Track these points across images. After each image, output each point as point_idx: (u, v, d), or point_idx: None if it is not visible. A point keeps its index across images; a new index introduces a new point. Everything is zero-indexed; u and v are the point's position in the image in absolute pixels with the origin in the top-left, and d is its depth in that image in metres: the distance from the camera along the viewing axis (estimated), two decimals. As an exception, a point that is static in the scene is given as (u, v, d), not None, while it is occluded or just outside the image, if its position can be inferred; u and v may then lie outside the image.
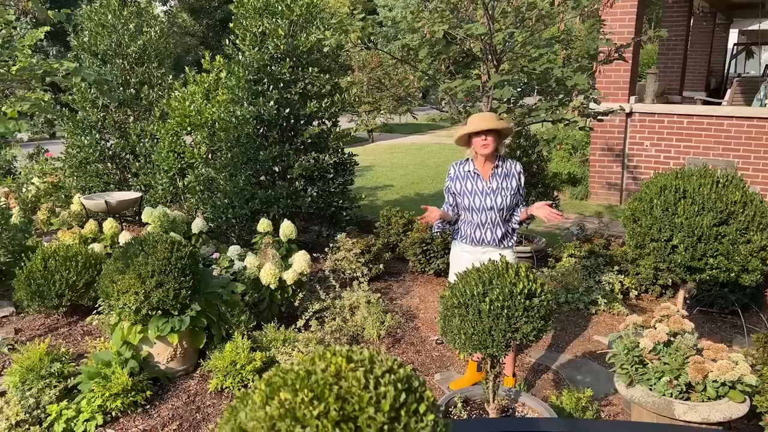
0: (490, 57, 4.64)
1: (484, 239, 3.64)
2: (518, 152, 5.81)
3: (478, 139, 3.49)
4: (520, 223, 3.68)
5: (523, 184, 3.65)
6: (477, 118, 3.54)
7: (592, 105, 5.05)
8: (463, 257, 3.75)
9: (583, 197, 9.26)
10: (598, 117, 4.96)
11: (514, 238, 3.73)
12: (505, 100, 4.56)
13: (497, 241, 3.64)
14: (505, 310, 2.69)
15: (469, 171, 3.63)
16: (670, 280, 5.31)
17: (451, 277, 3.78)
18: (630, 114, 8.52)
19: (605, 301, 5.17)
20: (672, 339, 2.98)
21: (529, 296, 2.73)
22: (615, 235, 6.55)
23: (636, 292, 5.39)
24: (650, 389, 2.88)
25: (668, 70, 11.52)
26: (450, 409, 3.22)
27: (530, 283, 2.75)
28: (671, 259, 3.57)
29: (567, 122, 4.72)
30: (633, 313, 5.16)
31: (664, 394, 2.82)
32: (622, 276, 5.38)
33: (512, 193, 3.58)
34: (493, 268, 2.83)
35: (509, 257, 3.61)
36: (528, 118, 4.74)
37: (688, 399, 2.85)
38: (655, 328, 2.96)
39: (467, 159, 3.67)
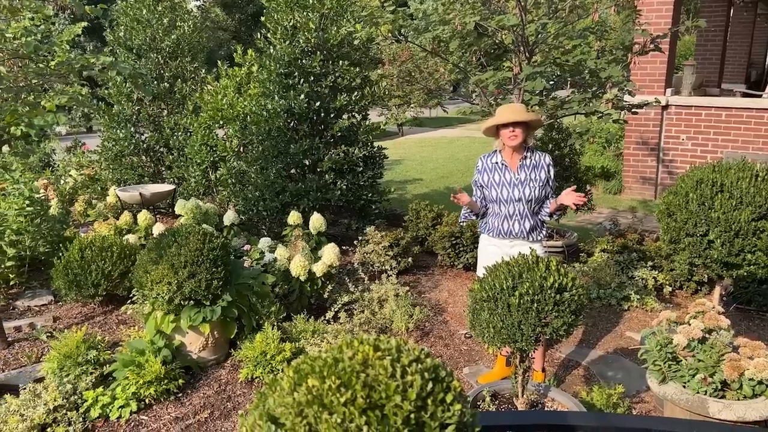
0: (522, 49, 4.58)
1: (512, 231, 3.60)
2: (550, 145, 5.74)
3: (506, 130, 3.47)
4: (551, 215, 3.63)
5: (552, 177, 3.60)
6: (505, 110, 3.51)
7: (626, 97, 4.95)
8: (490, 251, 3.72)
9: (616, 192, 9.10)
10: (633, 110, 4.86)
11: (544, 231, 3.68)
12: (537, 92, 4.50)
13: (525, 233, 3.60)
14: (535, 304, 2.66)
15: (497, 163, 3.61)
16: (706, 276, 5.19)
17: (480, 271, 3.76)
18: (666, 107, 8.33)
19: (638, 297, 5.08)
20: (707, 336, 2.91)
21: (559, 290, 2.70)
22: (649, 231, 6.42)
23: (670, 289, 5.28)
24: (684, 386, 2.83)
25: (706, 62, 11.22)
26: (478, 403, 3.20)
27: (561, 278, 2.72)
28: (707, 254, 3.49)
29: (600, 115, 4.63)
30: (666, 310, 5.07)
31: (698, 392, 2.77)
32: (656, 272, 5.28)
33: (541, 184, 3.54)
34: (523, 262, 2.80)
35: (539, 251, 3.57)
36: (560, 111, 4.67)
37: (722, 397, 2.79)
38: (690, 325, 2.90)
39: (495, 151, 3.65)
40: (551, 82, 5.31)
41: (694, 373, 2.79)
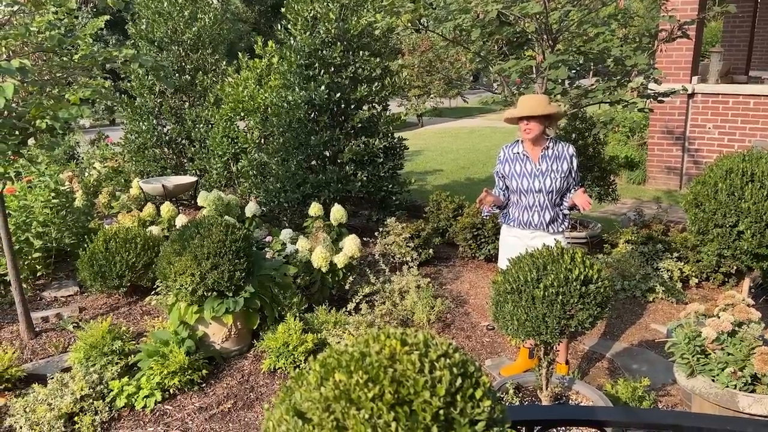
0: (545, 37, 4.51)
1: (531, 222, 3.58)
2: (574, 135, 5.66)
3: (522, 123, 3.46)
4: (570, 209, 3.58)
5: (576, 168, 3.55)
6: (521, 103, 3.48)
7: (652, 85, 4.85)
8: (510, 242, 3.71)
9: (640, 182, 8.96)
10: (659, 98, 4.76)
11: (566, 223, 3.63)
12: (560, 81, 4.43)
13: (545, 224, 3.56)
14: (560, 297, 2.63)
15: (518, 153, 3.58)
16: (734, 268, 5.09)
17: (501, 262, 3.74)
18: (692, 95, 8.17)
19: (663, 288, 5.00)
20: (737, 329, 2.85)
21: (585, 282, 2.67)
22: (674, 221, 6.32)
23: (696, 280, 5.20)
24: (712, 380, 2.77)
25: (733, 49, 10.97)
26: (502, 396, 3.18)
27: (586, 269, 2.68)
28: (737, 245, 3.41)
29: (626, 104, 4.54)
30: (693, 302, 4.98)
31: (727, 386, 2.71)
32: (682, 263, 5.19)
33: (562, 176, 3.49)
34: (547, 254, 2.77)
35: (562, 243, 3.53)
36: (584, 100, 4.59)
37: (753, 391, 2.73)
38: (719, 317, 2.84)
39: (517, 141, 3.63)
40: (573, 71, 5.23)
41: (723, 366, 2.74)
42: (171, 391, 3.75)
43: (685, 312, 2.99)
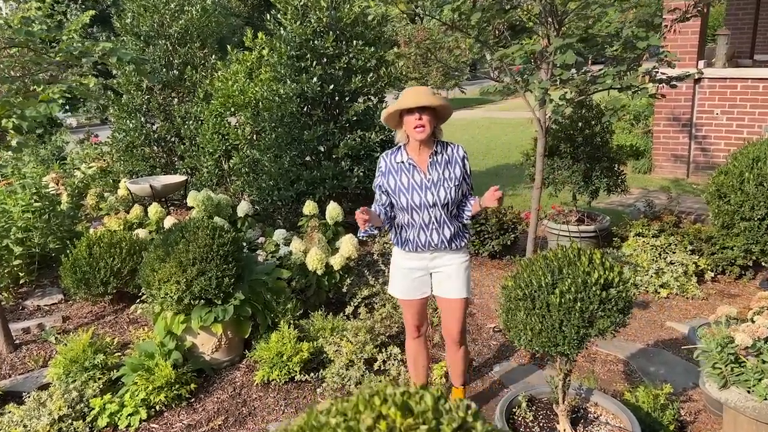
0: (550, 20, 4.22)
1: (431, 242, 2.97)
2: (580, 123, 5.37)
3: (411, 118, 2.81)
4: (473, 217, 3.06)
5: (469, 171, 3.02)
6: (410, 93, 2.85)
7: (664, 69, 4.56)
8: (408, 266, 3.09)
9: (646, 171, 8.68)
10: (672, 83, 4.48)
11: (467, 236, 3.09)
12: (567, 66, 4.14)
13: (446, 242, 2.98)
14: (578, 303, 2.36)
15: (402, 162, 2.96)
16: (751, 260, 4.82)
17: (393, 289, 3.17)
18: (698, 80, 7.87)
19: (678, 284, 4.74)
20: (772, 333, 2.59)
21: (605, 287, 2.40)
22: (685, 212, 6.05)
23: (712, 274, 4.93)
24: (748, 392, 2.52)
25: (738, 32, 10.65)
26: (514, 409, 2.92)
27: (606, 272, 2.42)
28: (767, 240, 3.15)
29: (636, 89, 4.26)
30: (708, 297, 4.73)
31: (765, 398, 2.45)
32: (696, 256, 4.92)
33: (456, 183, 2.93)
34: (562, 255, 2.50)
35: (461, 260, 3.04)
36: (593, 86, 4.30)
37: (792, 402, 2.47)
38: (753, 321, 2.58)
39: (399, 147, 3.01)
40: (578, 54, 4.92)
41: (760, 377, 2.48)
42: (157, 407, 3.49)
43: (715, 315, 2.73)
